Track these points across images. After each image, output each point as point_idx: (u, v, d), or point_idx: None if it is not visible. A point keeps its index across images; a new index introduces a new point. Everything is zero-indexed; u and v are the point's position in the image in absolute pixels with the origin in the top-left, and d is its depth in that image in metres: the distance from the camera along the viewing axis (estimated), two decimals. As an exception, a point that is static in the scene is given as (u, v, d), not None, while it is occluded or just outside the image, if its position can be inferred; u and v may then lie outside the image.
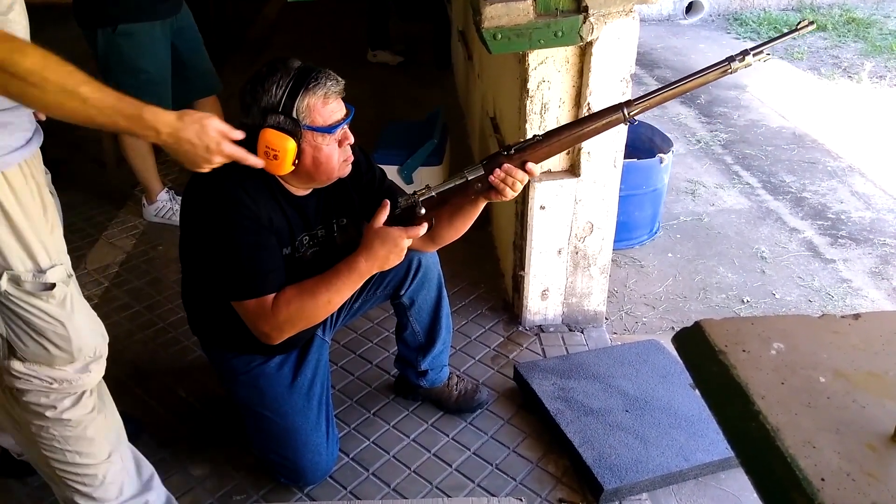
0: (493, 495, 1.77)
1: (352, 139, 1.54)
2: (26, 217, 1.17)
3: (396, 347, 2.04)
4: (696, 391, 1.96)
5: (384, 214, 1.49)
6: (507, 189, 1.48)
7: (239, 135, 1.30)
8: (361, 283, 1.51)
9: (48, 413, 1.31)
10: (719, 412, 0.85)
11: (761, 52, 1.36)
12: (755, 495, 0.75)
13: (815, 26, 1.40)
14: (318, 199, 1.65)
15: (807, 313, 2.45)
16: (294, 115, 1.42)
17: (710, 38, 5.93)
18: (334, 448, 1.81)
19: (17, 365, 1.25)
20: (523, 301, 2.32)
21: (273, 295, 1.50)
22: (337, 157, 1.51)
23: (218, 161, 1.27)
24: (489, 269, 2.68)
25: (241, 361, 1.73)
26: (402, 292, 1.86)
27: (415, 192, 1.50)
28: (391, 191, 1.78)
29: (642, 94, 1.46)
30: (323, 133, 1.46)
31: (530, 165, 1.48)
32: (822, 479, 0.71)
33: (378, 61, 4.92)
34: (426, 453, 1.90)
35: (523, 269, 2.27)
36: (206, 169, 1.29)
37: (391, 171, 2.48)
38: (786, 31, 1.41)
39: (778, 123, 4.25)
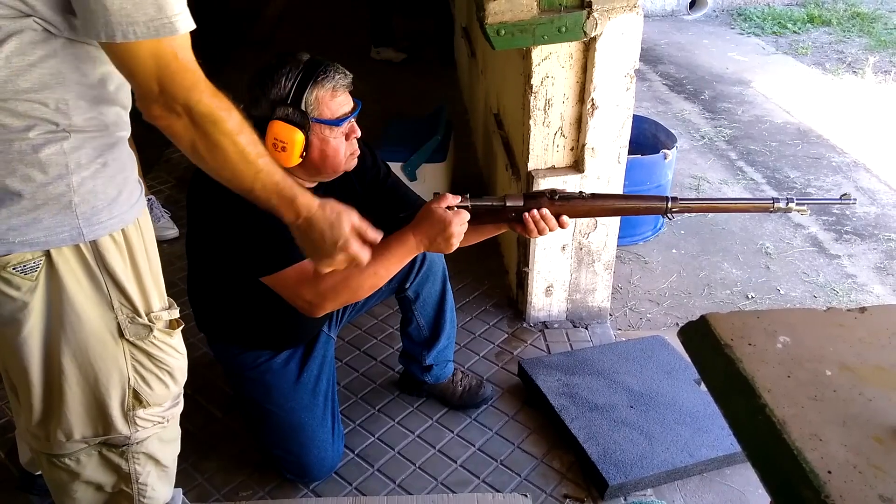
0: (498, 491, 1.77)
1: (358, 133, 1.55)
2: (155, 256, 1.20)
3: (401, 343, 2.04)
4: (701, 387, 1.97)
5: (446, 200, 1.46)
6: (535, 230, 1.49)
7: (376, 236, 1.24)
8: (408, 260, 1.50)
9: (159, 455, 1.30)
10: (725, 406, 0.85)
11: (803, 205, 1.44)
12: (760, 491, 0.76)
13: (856, 202, 1.56)
14: (324, 193, 1.65)
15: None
16: (303, 107, 1.43)
17: (713, 33, 5.91)
18: (340, 444, 1.81)
19: (140, 412, 1.23)
20: (527, 297, 2.32)
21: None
22: (344, 150, 1.51)
23: (340, 259, 1.21)
24: (493, 265, 2.68)
25: (248, 357, 1.74)
26: (408, 285, 1.87)
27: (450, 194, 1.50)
28: (396, 186, 1.78)
29: (687, 197, 1.50)
30: (331, 126, 1.47)
31: (564, 218, 1.50)
32: (829, 472, 0.71)
33: (382, 58, 4.91)
34: (431, 449, 1.90)
35: (527, 265, 2.26)
36: (324, 265, 1.22)
37: (395, 168, 2.48)
38: (830, 198, 1.56)
39: (782, 119, 4.24)
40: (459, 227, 1.45)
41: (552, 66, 1.99)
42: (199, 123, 0.99)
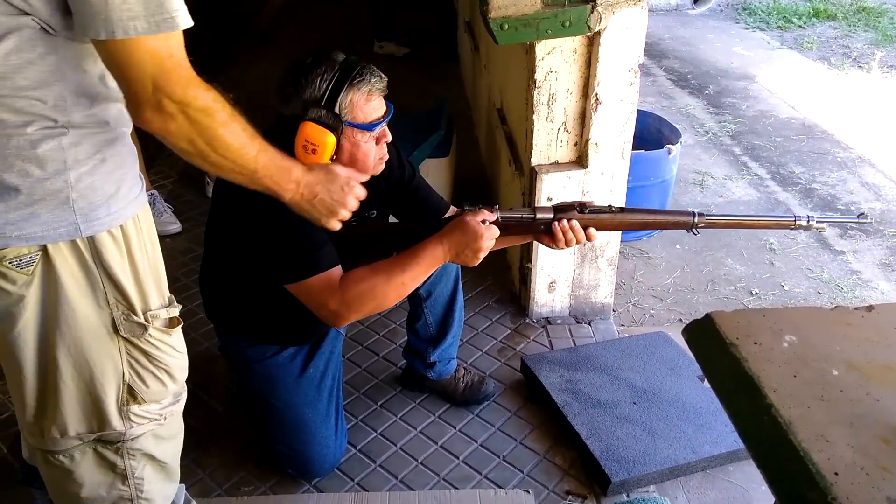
0: (500, 487, 1.77)
1: (389, 137, 1.52)
2: (156, 253, 1.19)
3: (405, 337, 2.04)
4: (705, 383, 1.96)
5: (481, 215, 1.47)
6: (563, 241, 1.50)
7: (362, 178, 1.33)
8: (434, 269, 1.50)
9: (155, 452, 1.29)
10: (730, 405, 0.84)
11: (823, 223, 1.51)
12: (763, 488, 0.75)
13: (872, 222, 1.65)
14: None
15: (816, 305, 2.43)
16: (336, 109, 1.40)
17: (718, 28, 5.89)
18: (342, 440, 1.81)
19: (135, 408, 1.22)
20: (530, 293, 2.32)
21: (339, 271, 1.47)
22: (374, 154, 1.49)
23: (351, 203, 1.29)
24: (496, 261, 2.66)
25: (257, 351, 1.73)
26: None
27: (480, 205, 1.49)
28: (420, 187, 1.77)
29: (713, 214, 1.54)
30: (363, 130, 1.45)
31: (592, 231, 1.51)
32: (836, 474, 0.70)
33: (384, 53, 4.90)
34: (433, 445, 1.90)
35: (530, 261, 2.26)
36: (336, 220, 1.29)
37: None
38: (847, 217, 1.62)
39: (787, 114, 4.22)
40: (489, 241, 1.45)
41: (556, 60, 1.98)
42: (195, 119, 0.98)
